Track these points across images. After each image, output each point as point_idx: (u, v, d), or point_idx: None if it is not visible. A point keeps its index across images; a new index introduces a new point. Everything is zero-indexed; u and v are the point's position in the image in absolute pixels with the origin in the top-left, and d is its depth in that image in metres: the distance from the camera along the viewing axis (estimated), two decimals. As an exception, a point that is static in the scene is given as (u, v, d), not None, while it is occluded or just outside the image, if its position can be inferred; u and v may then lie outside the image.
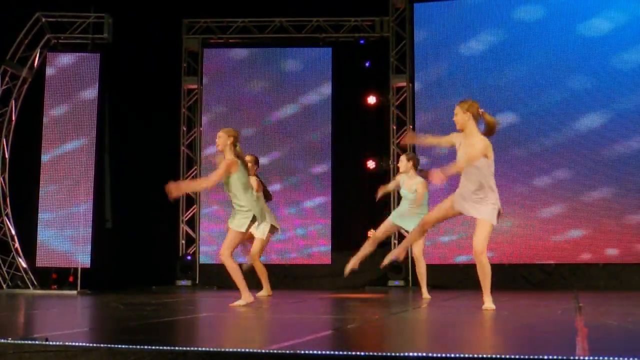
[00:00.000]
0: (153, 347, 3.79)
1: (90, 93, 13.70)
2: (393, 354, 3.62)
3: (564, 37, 13.61)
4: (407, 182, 10.26)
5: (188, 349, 3.77)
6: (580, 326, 5.28)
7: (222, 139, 8.13)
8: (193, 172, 14.73)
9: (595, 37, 13.46)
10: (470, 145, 7.36)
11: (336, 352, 3.70)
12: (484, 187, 7.32)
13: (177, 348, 3.78)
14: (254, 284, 9.40)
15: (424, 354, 3.56)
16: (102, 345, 3.88)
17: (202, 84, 14.95)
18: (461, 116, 7.49)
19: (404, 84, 14.35)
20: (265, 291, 10.54)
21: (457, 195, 7.41)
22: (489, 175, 7.39)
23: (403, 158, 10.39)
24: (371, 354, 3.68)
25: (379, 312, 7.33)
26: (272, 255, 14.16)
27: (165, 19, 14.64)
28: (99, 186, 13.87)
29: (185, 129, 14.92)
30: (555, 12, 13.74)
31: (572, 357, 3.40)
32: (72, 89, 13.64)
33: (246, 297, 7.99)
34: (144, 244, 14.14)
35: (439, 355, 3.55)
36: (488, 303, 7.26)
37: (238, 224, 8.09)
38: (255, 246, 10.45)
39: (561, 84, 13.56)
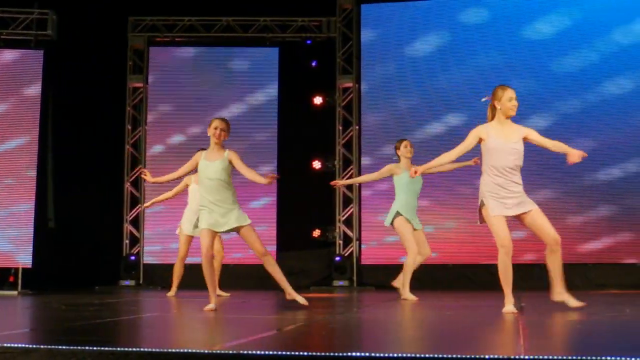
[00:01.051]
0: (94, 348, 3.74)
1: (33, 90, 13.53)
2: (337, 354, 3.62)
3: (508, 40, 13.79)
4: (406, 168, 9.94)
5: (130, 349, 3.72)
6: (521, 326, 5.33)
7: (226, 129, 7.61)
8: (137, 171, 14.59)
9: (538, 41, 13.65)
10: (517, 133, 7.03)
11: (280, 353, 3.68)
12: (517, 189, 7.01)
13: (118, 349, 3.74)
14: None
15: (368, 354, 3.56)
16: (42, 346, 3.82)
17: (148, 83, 14.82)
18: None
19: (351, 84, 14.38)
20: (173, 291, 10.79)
21: (495, 201, 6.98)
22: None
23: (407, 144, 10.14)
24: (315, 354, 3.67)
25: (323, 312, 7.33)
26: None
27: (110, 17, 14.48)
28: (42, 185, 13.70)
29: (130, 127, 14.78)
30: (500, 15, 13.91)
31: (512, 357, 3.42)
32: (14, 86, 13.47)
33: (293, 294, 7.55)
34: (88, 244, 13.99)
35: (381, 355, 3.55)
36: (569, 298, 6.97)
37: (244, 216, 7.51)
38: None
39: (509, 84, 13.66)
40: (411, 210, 9.86)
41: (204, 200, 7.40)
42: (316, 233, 14.22)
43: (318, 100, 14.45)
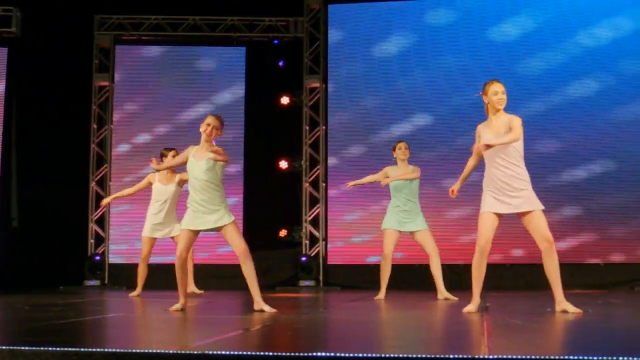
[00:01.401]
0: (58, 349, 3.71)
1: (-3, 88, 13.39)
2: (303, 354, 3.62)
3: (474, 42, 13.88)
4: (401, 170, 9.97)
5: (94, 350, 3.70)
6: (485, 326, 5.36)
7: (218, 127, 7.62)
8: (103, 170, 14.50)
9: (504, 42, 13.77)
10: (505, 125, 6.97)
11: (246, 353, 3.67)
12: (518, 187, 6.89)
13: (82, 349, 3.71)
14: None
15: (333, 354, 3.56)
16: (4, 347, 3.78)
17: (114, 81, 14.72)
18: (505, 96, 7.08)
19: (317, 84, 14.38)
20: (137, 292, 10.78)
21: (491, 198, 6.94)
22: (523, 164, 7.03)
23: (402, 145, 10.05)
24: (281, 354, 3.67)
25: (290, 312, 7.33)
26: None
27: (76, 15, 14.36)
28: (5, 183, 13.57)
29: (95, 126, 14.65)
30: (466, 17, 14.00)
31: (476, 356, 3.44)
32: (-23, 83, 13.32)
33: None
34: (52, 244, 13.85)
35: (347, 355, 3.55)
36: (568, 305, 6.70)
37: (227, 216, 7.23)
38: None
39: (472, 87, 13.76)
40: (401, 213, 9.90)
41: (191, 198, 7.22)
42: (283, 233, 14.21)
43: (285, 100, 14.44)
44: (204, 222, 7.16)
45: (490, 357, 3.45)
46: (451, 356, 3.43)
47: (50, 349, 3.71)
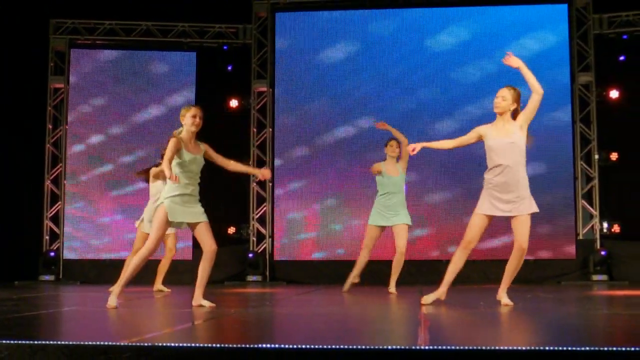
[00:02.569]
0: (11, 342, 3.65)
1: (-46, 89, 13.15)
2: (249, 346, 3.61)
3: (414, 50, 14.00)
4: (389, 166, 9.85)
5: (47, 342, 3.65)
6: (422, 318, 5.40)
7: (202, 117, 7.34)
8: (58, 169, 14.32)
9: (442, 51, 13.91)
10: (511, 132, 6.89)
11: (194, 345, 3.66)
12: (516, 191, 6.78)
13: (36, 342, 3.66)
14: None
15: (278, 346, 3.56)
16: (-42, 340, 3.71)
17: (69, 84, 14.54)
18: (509, 102, 7.02)
19: (265, 88, 14.37)
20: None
21: (487, 200, 6.91)
22: (524, 170, 6.86)
23: (393, 143, 9.91)
24: (227, 345, 3.66)
25: (237, 306, 7.31)
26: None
27: (32, 18, 14.17)
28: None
29: (50, 127, 14.46)
30: (405, 27, 14.11)
31: (413, 347, 3.46)
32: None
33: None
34: (7, 240, 13.67)
35: (291, 347, 3.56)
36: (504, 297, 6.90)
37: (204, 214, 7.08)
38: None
39: (412, 92, 13.90)
40: (385, 208, 9.76)
41: (179, 190, 6.93)
42: (231, 230, 14.17)
43: (234, 103, 14.40)
44: (191, 213, 6.94)
45: (428, 347, 3.47)
46: (389, 347, 3.45)
47: (4, 342, 3.65)
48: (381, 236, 10.01)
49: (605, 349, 3.40)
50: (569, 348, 3.38)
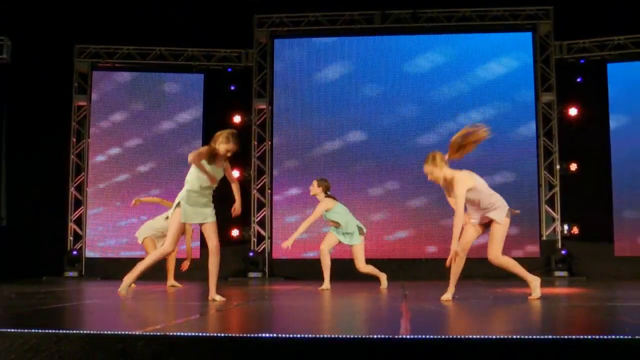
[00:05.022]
0: (39, 331, 3.63)
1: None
2: (250, 335, 3.60)
3: (395, 72, 14.05)
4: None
5: (70, 332, 3.63)
6: (404, 310, 5.39)
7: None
8: (81, 177, 14.32)
9: (419, 74, 13.95)
10: (451, 191, 6.71)
11: (202, 334, 3.64)
12: (487, 208, 6.62)
13: (60, 331, 3.63)
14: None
15: (276, 335, 3.55)
16: (-9, 330, 3.68)
17: (91, 101, 14.53)
18: (435, 174, 6.72)
19: (264, 106, 14.38)
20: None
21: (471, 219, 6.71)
22: (485, 198, 6.61)
23: (315, 182, 9.38)
24: (232, 335, 3.65)
25: (240, 299, 7.29)
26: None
27: (59, 44, 14.20)
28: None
29: (74, 140, 14.47)
30: (388, 52, 14.16)
31: (396, 336, 3.45)
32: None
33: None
34: (36, 240, 13.69)
35: (288, 336, 3.55)
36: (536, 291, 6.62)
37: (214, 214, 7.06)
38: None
39: (394, 111, 13.93)
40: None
41: (197, 194, 6.96)
42: (235, 232, 14.15)
43: (237, 119, 14.40)
44: (202, 214, 6.95)
45: (409, 336, 3.47)
46: (374, 336, 3.44)
47: (32, 331, 3.63)
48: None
49: (565, 337, 3.40)
50: (536, 337, 3.38)
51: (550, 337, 3.37)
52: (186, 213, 6.88)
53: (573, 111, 13.81)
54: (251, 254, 13.70)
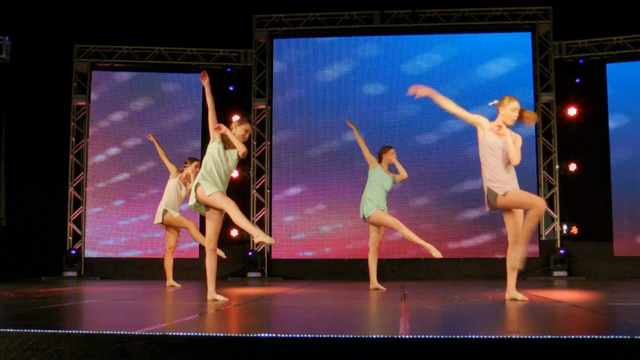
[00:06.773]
0: (38, 331, 3.63)
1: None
2: (249, 335, 3.60)
3: (394, 72, 14.05)
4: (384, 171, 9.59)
5: (70, 331, 3.62)
6: (404, 310, 5.39)
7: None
8: (80, 177, 14.30)
9: (418, 74, 13.94)
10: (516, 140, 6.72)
11: (201, 334, 3.64)
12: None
13: (59, 331, 3.63)
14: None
15: (275, 335, 3.55)
16: (-9, 329, 3.68)
17: (90, 101, 14.52)
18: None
19: (264, 106, 14.37)
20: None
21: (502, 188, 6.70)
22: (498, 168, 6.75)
23: (394, 151, 9.59)
24: (230, 335, 3.65)
25: (239, 299, 7.29)
26: (147, 250, 13.93)
27: (58, 44, 14.20)
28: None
29: (74, 140, 14.45)
30: (387, 52, 14.16)
31: (395, 336, 3.45)
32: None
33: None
34: (35, 240, 13.68)
35: (287, 336, 3.54)
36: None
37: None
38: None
39: (393, 110, 13.93)
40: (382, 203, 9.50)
41: (215, 175, 7.14)
42: (234, 232, 14.13)
43: (236, 119, 14.31)
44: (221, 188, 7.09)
45: (408, 336, 3.46)
46: (374, 336, 3.44)
47: (32, 331, 3.63)
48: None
49: (565, 337, 3.39)
50: (536, 337, 3.38)
51: (550, 337, 3.36)
52: (207, 185, 6.97)
53: (572, 111, 13.81)
54: (250, 253, 13.69)
